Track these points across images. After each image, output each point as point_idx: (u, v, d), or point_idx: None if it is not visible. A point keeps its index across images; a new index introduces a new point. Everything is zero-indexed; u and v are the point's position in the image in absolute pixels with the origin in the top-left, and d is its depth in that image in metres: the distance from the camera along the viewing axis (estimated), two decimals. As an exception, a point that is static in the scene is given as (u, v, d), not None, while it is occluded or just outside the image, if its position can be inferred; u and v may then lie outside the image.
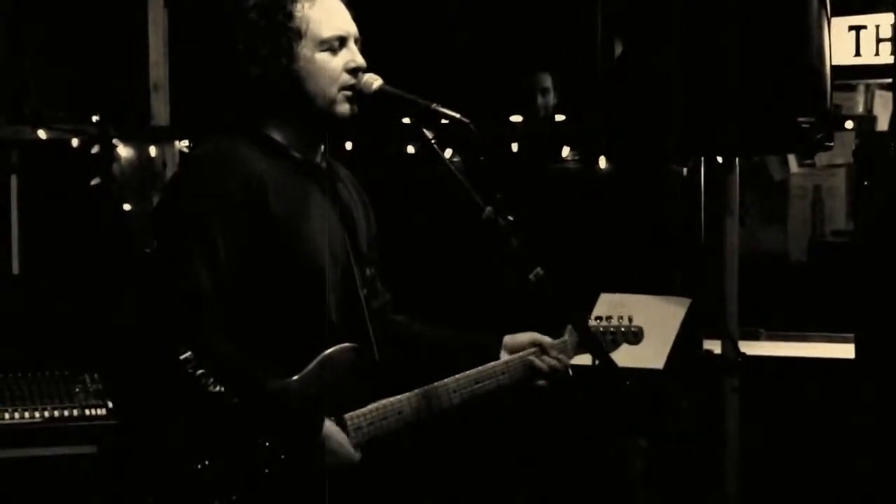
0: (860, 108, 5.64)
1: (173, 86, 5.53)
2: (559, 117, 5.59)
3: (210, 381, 2.84)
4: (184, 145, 5.42)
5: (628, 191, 5.19)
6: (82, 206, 5.35)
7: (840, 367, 4.45)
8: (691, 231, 4.54)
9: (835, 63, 4.10)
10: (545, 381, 3.20)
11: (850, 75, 4.98)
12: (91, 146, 5.34)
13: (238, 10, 3.03)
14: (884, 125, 5.31)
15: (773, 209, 5.92)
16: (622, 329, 3.31)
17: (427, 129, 2.99)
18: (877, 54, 4.81)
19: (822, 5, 4.04)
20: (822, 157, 5.56)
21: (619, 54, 5.24)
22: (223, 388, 2.84)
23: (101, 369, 4.44)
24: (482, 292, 4.96)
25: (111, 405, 4.30)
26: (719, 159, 4.36)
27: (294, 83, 3.01)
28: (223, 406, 2.85)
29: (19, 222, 5.37)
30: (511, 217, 2.90)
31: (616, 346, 3.29)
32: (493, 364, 3.17)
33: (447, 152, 4.77)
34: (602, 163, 5.27)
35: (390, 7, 5.25)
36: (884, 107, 5.45)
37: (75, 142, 5.35)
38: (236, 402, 2.86)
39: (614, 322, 3.31)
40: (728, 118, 4.04)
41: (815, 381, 4.57)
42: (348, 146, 5.03)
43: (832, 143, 4.17)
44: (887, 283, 4.08)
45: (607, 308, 3.44)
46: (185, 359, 2.84)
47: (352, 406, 3.02)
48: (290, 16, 3.00)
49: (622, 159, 5.23)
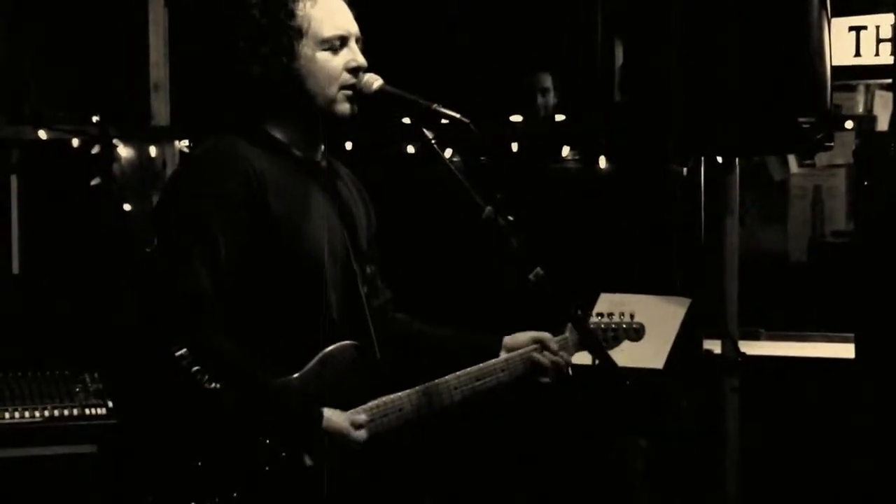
0: (860, 109, 5.65)
1: (173, 86, 5.54)
2: (559, 117, 5.59)
3: (205, 378, 2.84)
4: (184, 145, 5.42)
5: (628, 191, 5.19)
6: (82, 206, 5.35)
7: (840, 367, 4.45)
8: (691, 231, 4.54)
9: (835, 63, 4.10)
10: (546, 379, 3.20)
11: (851, 76, 4.98)
12: (91, 146, 5.34)
13: (239, 8, 3.03)
14: (884, 125, 5.31)
15: (773, 209, 5.92)
16: (623, 326, 3.31)
17: (427, 129, 2.98)
18: (877, 55, 4.81)
19: (823, 6, 4.04)
20: (822, 157, 5.56)
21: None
22: (220, 385, 2.84)
23: (101, 369, 4.43)
24: (482, 292, 4.96)
25: (111, 404, 4.30)
26: (719, 159, 4.36)
27: (295, 82, 3.01)
28: (220, 403, 2.85)
29: (19, 222, 5.36)
30: (511, 217, 2.90)
31: (617, 343, 3.29)
32: (493, 361, 3.17)
33: (447, 152, 4.77)
34: (602, 163, 5.27)
35: (391, 7, 5.25)
36: (884, 107, 5.46)
37: (75, 142, 5.35)
38: (234, 399, 2.86)
39: (616, 319, 3.31)
40: (728, 118, 4.05)
41: (815, 381, 4.57)
42: (348, 146, 5.03)
43: (832, 144, 4.18)
44: (887, 283, 4.08)
45: (608, 307, 3.43)
46: (181, 356, 2.84)
47: (353, 403, 3.01)
48: (291, 14, 3.00)
49: (622, 159, 5.23)
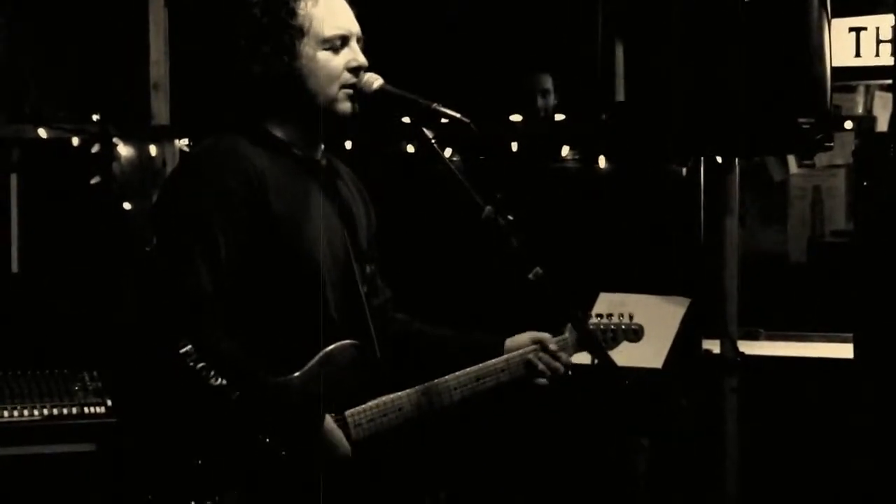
0: (860, 109, 5.65)
1: (173, 85, 5.53)
2: (559, 117, 5.59)
3: (211, 373, 2.84)
4: (184, 144, 5.42)
5: (628, 191, 5.19)
6: (82, 205, 5.35)
7: (840, 367, 4.45)
8: (691, 231, 4.54)
9: (835, 64, 4.10)
10: (545, 380, 3.20)
11: (850, 76, 4.98)
12: (91, 145, 5.34)
13: (240, 7, 3.03)
14: (884, 125, 5.31)
15: (773, 209, 5.92)
16: (622, 327, 3.31)
17: (427, 128, 2.98)
18: (877, 55, 4.81)
19: (823, 6, 4.04)
20: (822, 157, 5.56)
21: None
22: (224, 382, 2.84)
23: (100, 368, 4.44)
24: (482, 292, 4.96)
25: (110, 403, 4.30)
26: (719, 159, 4.36)
27: (296, 81, 3.01)
28: (224, 399, 2.85)
29: (19, 221, 5.37)
30: (511, 217, 2.89)
31: (616, 344, 3.29)
32: (493, 361, 3.16)
33: (447, 152, 4.77)
34: (602, 163, 5.27)
35: (391, 7, 5.25)
36: (884, 107, 5.46)
37: (76, 141, 5.35)
38: (237, 397, 2.86)
39: (615, 319, 3.30)
40: (728, 118, 4.05)
41: (815, 381, 4.57)
42: (348, 145, 5.03)
43: (832, 144, 4.18)
44: (887, 283, 4.08)
45: (607, 307, 3.43)
46: (186, 352, 2.84)
47: (352, 403, 3.01)
48: (292, 13, 3.00)
49: (622, 159, 5.23)
